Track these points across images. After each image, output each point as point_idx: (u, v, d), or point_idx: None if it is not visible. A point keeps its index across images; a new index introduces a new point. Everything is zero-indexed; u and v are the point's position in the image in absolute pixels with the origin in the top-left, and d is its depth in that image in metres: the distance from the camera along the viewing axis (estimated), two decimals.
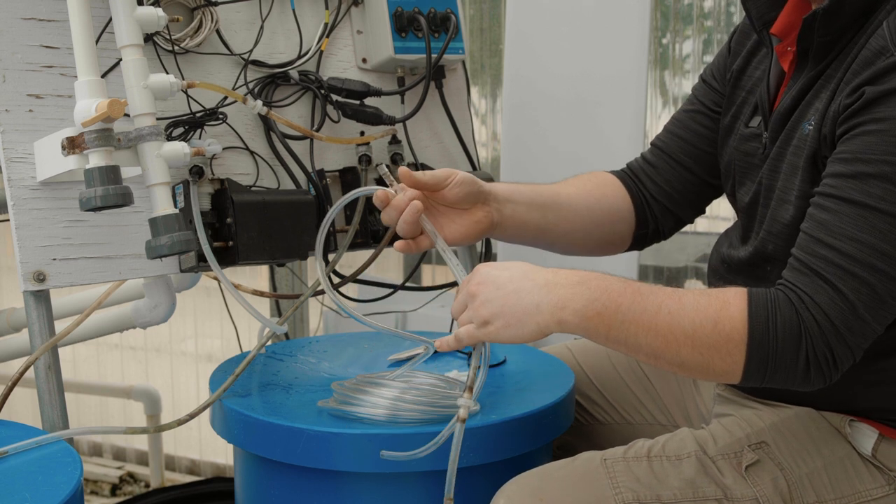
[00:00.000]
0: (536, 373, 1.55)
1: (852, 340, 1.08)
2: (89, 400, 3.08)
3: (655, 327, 1.11)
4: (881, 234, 1.06)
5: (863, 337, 1.09)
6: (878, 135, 1.07)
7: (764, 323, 1.08)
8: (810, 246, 1.10)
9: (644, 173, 1.53)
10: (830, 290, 1.07)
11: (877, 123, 1.07)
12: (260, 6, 1.62)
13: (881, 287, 1.06)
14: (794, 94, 1.23)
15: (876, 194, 1.06)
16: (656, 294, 1.12)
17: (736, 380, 1.12)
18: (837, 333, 1.07)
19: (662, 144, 1.53)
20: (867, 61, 1.11)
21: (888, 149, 1.06)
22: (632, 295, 1.13)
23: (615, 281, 1.15)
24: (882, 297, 1.07)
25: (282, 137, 1.58)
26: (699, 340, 1.09)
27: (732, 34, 1.46)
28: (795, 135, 1.21)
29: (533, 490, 1.20)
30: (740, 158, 1.35)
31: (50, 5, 1.41)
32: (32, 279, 1.37)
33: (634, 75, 2.13)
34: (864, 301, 1.07)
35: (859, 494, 1.22)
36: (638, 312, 1.12)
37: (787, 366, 1.09)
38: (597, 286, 1.14)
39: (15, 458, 1.21)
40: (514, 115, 2.30)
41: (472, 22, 2.55)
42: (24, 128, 1.38)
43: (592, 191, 1.50)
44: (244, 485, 1.46)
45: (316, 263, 1.40)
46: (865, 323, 1.08)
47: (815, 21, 1.17)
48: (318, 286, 1.56)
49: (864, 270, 1.06)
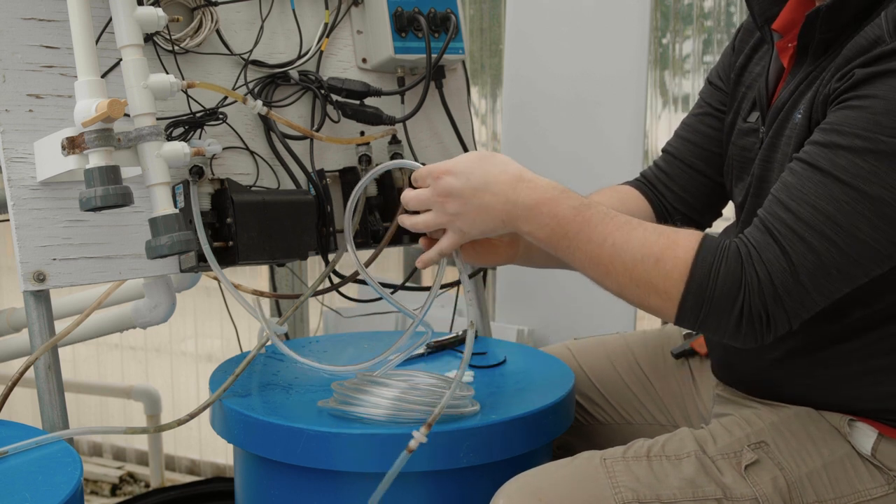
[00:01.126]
0: (536, 373, 1.55)
1: (789, 305, 1.09)
2: (89, 400, 3.08)
3: (598, 258, 1.15)
4: (838, 205, 1.07)
5: (801, 304, 1.09)
6: (858, 110, 1.08)
7: (707, 267, 1.10)
8: (772, 206, 1.11)
9: (660, 182, 1.54)
10: (778, 251, 1.08)
11: (860, 100, 1.08)
12: (260, 6, 1.62)
13: (827, 256, 1.07)
14: (791, 88, 1.23)
15: (841, 165, 1.07)
16: (605, 224, 1.16)
17: (670, 317, 1.14)
18: (775, 294, 1.08)
19: (674, 150, 1.53)
20: (861, 49, 1.11)
21: (864, 125, 1.07)
22: (580, 224, 1.16)
23: (567, 207, 1.18)
24: (826, 266, 1.08)
25: (282, 137, 1.58)
26: (637, 275, 1.13)
27: (736, 33, 1.47)
28: (787, 125, 1.22)
29: (532, 490, 1.20)
30: (738, 153, 1.36)
31: (50, 5, 1.41)
32: (32, 279, 1.37)
33: (634, 75, 2.13)
34: (807, 267, 1.08)
35: (859, 494, 1.22)
36: (583, 241, 1.16)
37: (721, 312, 1.10)
38: (548, 212, 1.18)
39: (15, 458, 1.21)
40: (514, 115, 2.30)
41: (472, 22, 2.55)
42: (24, 128, 1.38)
43: (619, 209, 1.50)
44: (244, 485, 1.46)
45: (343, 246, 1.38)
46: (805, 289, 1.08)
47: (818, 17, 1.17)
48: (318, 286, 1.56)
49: (814, 237, 1.07)
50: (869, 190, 1.06)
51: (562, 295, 2.25)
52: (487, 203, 1.21)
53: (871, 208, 1.06)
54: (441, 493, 1.33)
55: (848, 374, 1.24)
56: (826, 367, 1.25)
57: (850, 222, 1.07)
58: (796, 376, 1.27)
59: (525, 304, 2.33)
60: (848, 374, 1.24)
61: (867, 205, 1.06)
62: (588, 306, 2.23)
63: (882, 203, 1.06)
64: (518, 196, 1.20)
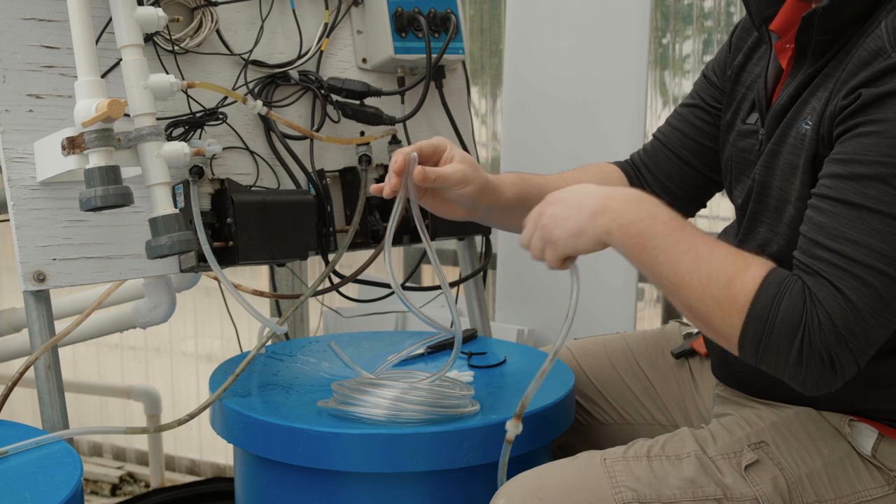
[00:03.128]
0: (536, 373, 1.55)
1: (854, 344, 1.06)
2: (89, 400, 3.08)
3: (679, 264, 1.12)
4: (879, 235, 1.05)
5: (866, 341, 1.07)
6: (874, 136, 1.06)
7: (770, 298, 1.08)
8: (810, 248, 1.09)
9: (645, 167, 1.54)
10: (832, 290, 1.06)
11: (873, 125, 1.06)
12: (260, 6, 1.62)
13: (883, 288, 1.05)
14: (791, 91, 1.23)
15: (872, 195, 1.05)
16: (694, 236, 1.14)
17: (733, 346, 1.11)
18: (838, 335, 1.06)
19: (663, 137, 1.54)
20: (864, 62, 1.10)
21: (884, 150, 1.05)
22: (672, 228, 1.14)
23: (665, 212, 1.16)
24: (885, 298, 1.05)
25: (282, 137, 1.58)
26: (709, 291, 1.10)
27: (734, 30, 1.47)
28: (791, 132, 1.21)
29: (532, 489, 1.20)
30: (737, 155, 1.36)
31: (50, 5, 1.41)
32: (32, 279, 1.37)
33: (634, 75, 2.13)
34: (865, 302, 1.05)
35: (859, 494, 1.22)
36: (671, 245, 1.13)
37: (780, 349, 1.08)
38: (646, 209, 1.16)
39: (15, 458, 1.21)
40: (514, 115, 2.30)
41: (472, 22, 2.55)
42: (24, 128, 1.38)
43: (595, 182, 1.50)
44: (244, 485, 1.46)
45: None
46: (868, 326, 1.06)
47: (815, 19, 1.17)
48: (318, 286, 1.56)
49: (864, 272, 1.05)
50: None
51: (562, 295, 2.25)
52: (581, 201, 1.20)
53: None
54: (441, 493, 1.33)
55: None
56: None
57: (895, 249, 1.05)
58: None
59: (525, 304, 2.33)
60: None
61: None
62: (588, 306, 2.22)
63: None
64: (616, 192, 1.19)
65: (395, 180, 1.26)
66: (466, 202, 1.33)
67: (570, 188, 1.23)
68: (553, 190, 1.39)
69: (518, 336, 2.27)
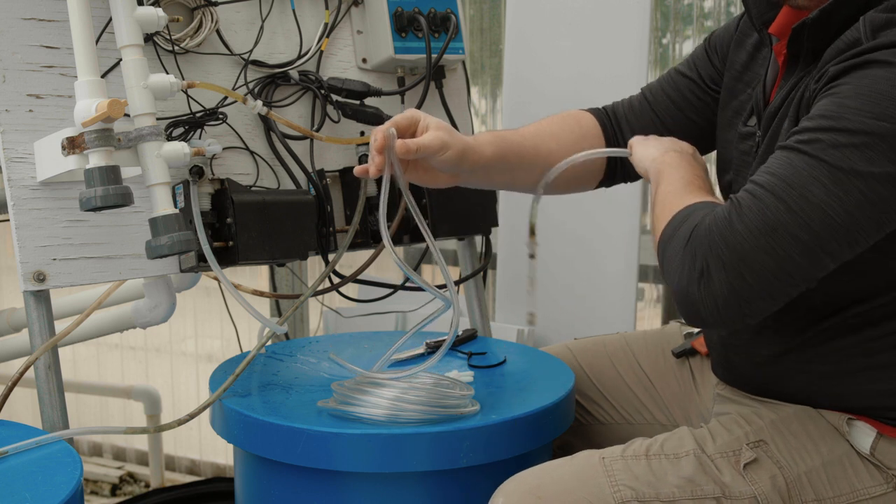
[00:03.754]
0: (536, 373, 1.55)
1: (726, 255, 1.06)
2: (89, 400, 3.08)
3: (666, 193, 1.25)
4: (793, 170, 1.07)
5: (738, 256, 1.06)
6: (829, 97, 1.10)
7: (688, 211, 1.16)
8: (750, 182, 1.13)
9: (626, 121, 1.55)
10: (729, 206, 1.09)
11: (832, 90, 1.10)
12: (260, 6, 1.62)
13: (773, 212, 1.06)
14: (784, 93, 1.24)
15: (804, 140, 1.08)
16: (693, 189, 1.24)
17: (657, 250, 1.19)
18: (712, 240, 1.08)
19: (651, 98, 1.55)
20: (839, 51, 1.13)
21: (832, 108, 1.08)
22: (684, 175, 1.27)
23: (689, 165, 1.30)
24: (771, 222, 1.06)
25: (282, 137, 1.58)
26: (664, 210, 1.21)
27: (741, 15, 1.46)
28: (781, 132, 1.22)
29: (531, 488, 1.20)
30: (738, 157, 1.36)
31: (50, 5, 1.41)
32: (32, 279, 1.37)
33: (634, 75, 2.13)
34: (749, 218, 1.06)
35: (858, 493, 1.22)
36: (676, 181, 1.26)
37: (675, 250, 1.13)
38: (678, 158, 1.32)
39: (15, 458, 1.21)
40: (514, 115, 2.30)
41: (472, 22, 2.55)
42: (24, 128, 1.38)
43: (571, 145, 1.51)
44: (244, 485, 1.46)
45: None
46: (742, 239, 1.06)
47: (804, 31, 1.19)
48: (318, 286, 1.56)
49: (765, 195, 1.07)
50: (825, 157, 1.06)
51: (562, 295, 2.25)
52: None
53: (826, 174, 1.06)
54: (441, 493, 1.33)
55: (846, 371, 1.24)
56: (823, 364, 1.25)
57: (803, 184, 1.06)
58: (794, 373, 1.28)
59: (525, 305, 2.33)
60: (846, 370, 1.24)
61: (823, 171, 1.06)
62: (588, 306, 2.23)
63: (838, 170, 1.05)
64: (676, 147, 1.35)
65: (378, 158, 1.27)
66: (449, 167, 1.34)
67: None
68: (530, 147, 1.46)
69: (518, 336, 2.27)
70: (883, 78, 1.06)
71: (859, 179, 1.05)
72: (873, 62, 1.07)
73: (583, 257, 2.20)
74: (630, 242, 2.17)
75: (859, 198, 1.05)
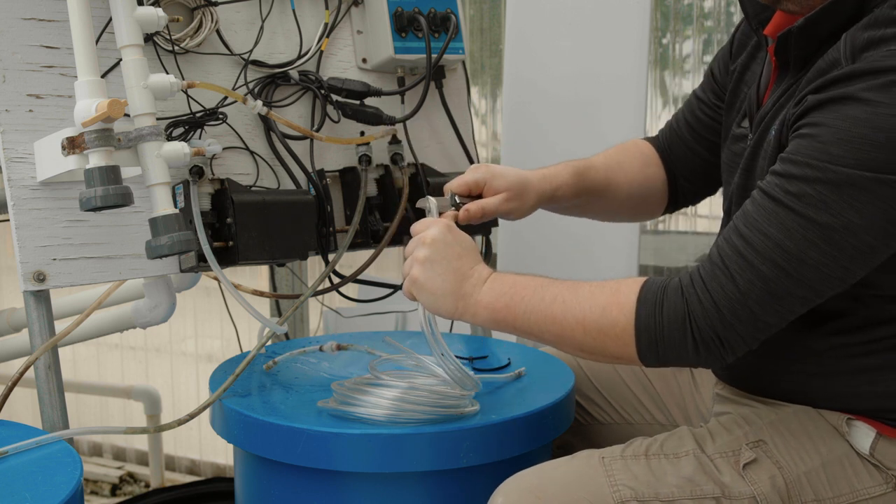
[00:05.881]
0: (536, 373, 1.55)
1: (742, 329, 1.12)
2: (89, 400, 3.08)
3: (552, 315, 1.20)
4: (787, 232, 1.09)
5: (754, 327, 1.12)
6: (809, 139, 1.09)
7: (651, 306, 1.14)
8: (728, 233, 1.14)
9: (667, 144, 1.59)
10: (725, 279, 1.11)
11: (810, 128, 1.10)
12: (260, 6, 1.62)
13: (776, 283, 1.09)
14: (774, 98, 1.25)
15: (794, 193, 1.09)
16: (556, 286, 1.21)
17: (634, 361, 1.17)
18: (724, 320, 1.11)
19: (675, 124, 1.60)
20: (820, 72, 1.14)
21: (814, 154, 1.08)
22: (534, 288, 1.22)
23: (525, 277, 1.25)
24: (775, 292, 1.10)
25: (282, 137, 1.58)
26: (589, 326, 1.17)
27: (737, 28, 1.47)
28: (766, 138, 1.23)
29: (531, 488, 1.20)
30: (729, 159, 1.37)
31: (50, 5, 1.41)
32: (32, 279, 1.37)
33: (634, 75, 2.13)
34: (755, 294, 1.10)
35: (857, 493, 1.22)
36: (536, 302, 1.21)
37: (677, 346, 1.14)
38: (508, 280, 1.25)
39: (15, 458, 1.21)
40: (514, 115, 2.30)
41: (472, 22, 2.55)
42: (24, 128, 1.38)
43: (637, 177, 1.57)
44: (244, 485, 1.46)
45: None
46: (754, 314, 1.11)
47: (790, 38, 1.19)
48: (318, 286, 1.56)
49: (763, 263, 1.09)
50: (818, 217, 1.08)
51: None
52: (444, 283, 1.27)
53: (820, 235, 1.08)
54: (441, 493, 1.33)
55: (845, 371, 1.24)
56: (822, 364, 1.25)
57: (799, 248, 1.08)
58: (793, 373, 1.28)
59: None
60: (845, 370, 1.24)
61: (816, 232, 1.08)
62: None
63: (831, 230, 1.07)
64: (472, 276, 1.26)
65: None
66: (525, 214, 1.44)
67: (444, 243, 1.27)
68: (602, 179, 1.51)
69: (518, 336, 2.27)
70: (863, 120, 1.06)
71: (852, 236, 1.08)
72: (850, 98, 1.07)
73: (583, 257, 2.20)
74: (630, 242, 2.17)
75: (853, 252, 1.09)
